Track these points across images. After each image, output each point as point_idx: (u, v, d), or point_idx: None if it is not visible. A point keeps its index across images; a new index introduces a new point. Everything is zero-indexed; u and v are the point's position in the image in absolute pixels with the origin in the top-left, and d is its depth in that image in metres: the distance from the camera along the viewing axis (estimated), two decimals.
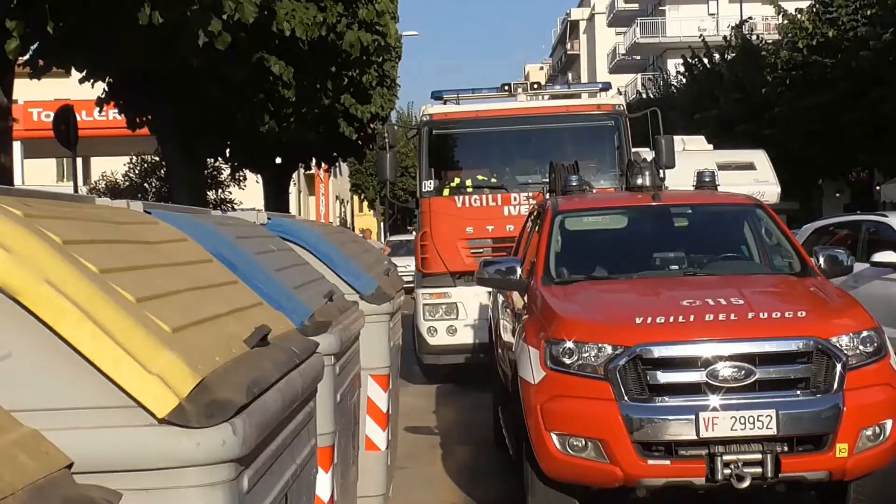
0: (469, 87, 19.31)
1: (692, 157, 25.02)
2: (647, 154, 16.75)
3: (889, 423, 8.43)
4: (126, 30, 14.81)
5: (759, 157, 27.18)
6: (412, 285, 19.05)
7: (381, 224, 75.67)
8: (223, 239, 5.14)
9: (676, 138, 25.96)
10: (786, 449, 8.26)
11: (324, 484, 5.45)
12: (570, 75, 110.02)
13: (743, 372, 8.26)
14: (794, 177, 38.31)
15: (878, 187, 43.41)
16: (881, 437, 8.40)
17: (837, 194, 50.07)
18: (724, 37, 48.89)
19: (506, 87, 19.04)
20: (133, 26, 14.31)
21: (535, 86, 19.57)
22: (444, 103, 18.89)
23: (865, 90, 34.48)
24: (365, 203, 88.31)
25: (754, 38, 46.85)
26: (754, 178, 25.64)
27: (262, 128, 26.22)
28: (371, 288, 8.38)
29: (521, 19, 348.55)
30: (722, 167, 23.54)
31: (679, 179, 23.21)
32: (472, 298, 17.20)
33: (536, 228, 11.51)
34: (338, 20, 23.14)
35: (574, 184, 12.32)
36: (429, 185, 17.95)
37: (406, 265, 30.73)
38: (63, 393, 2.82)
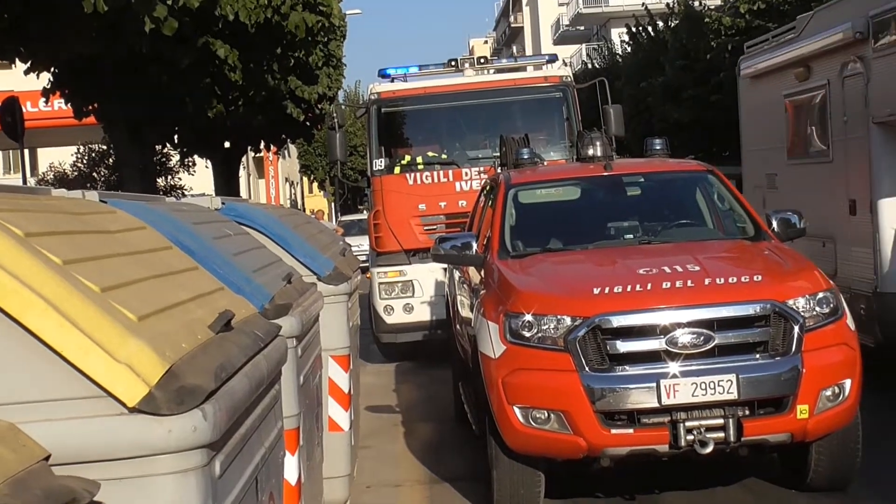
0: (415, 63, 19.26)
1: None
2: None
3: (848, 383, 8.50)
4: (72, 19, 14.71)
5: None
6: (367, 265, 19.01)
7: (332, 204, 75.41)
8: (180, 225, 5.13)
9: None
10: (747, 413, 8.31)
11: (291, 466, 5.45)
12: (514, 48, 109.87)
13: (702, 338, 8.29)
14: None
15: None
16: (840, 396, 8.46)
17: None
18: (667, 4, 48.84)
19: (452, 63, 18.98)
20: (78, 15, 14.21)
21: (482, 60, 19.53)
22: (392, 81, 18.83)
23: None
24: (315, 184, 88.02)
25: (697, 4, 46.87)
26: None
27: (209, 112, 26.12)
28: (328, 269, 8.37)
29: None
30: None
31: None
32: (427, 275, 17.20)
33: (490, 203, 11.50)
34: (282, 2, 23.05)
35: (525, 157, 12.32)
36: (379, 163, 17.89)
37: (359, 244, 30.68)
38: (33, 385, 2.81)
